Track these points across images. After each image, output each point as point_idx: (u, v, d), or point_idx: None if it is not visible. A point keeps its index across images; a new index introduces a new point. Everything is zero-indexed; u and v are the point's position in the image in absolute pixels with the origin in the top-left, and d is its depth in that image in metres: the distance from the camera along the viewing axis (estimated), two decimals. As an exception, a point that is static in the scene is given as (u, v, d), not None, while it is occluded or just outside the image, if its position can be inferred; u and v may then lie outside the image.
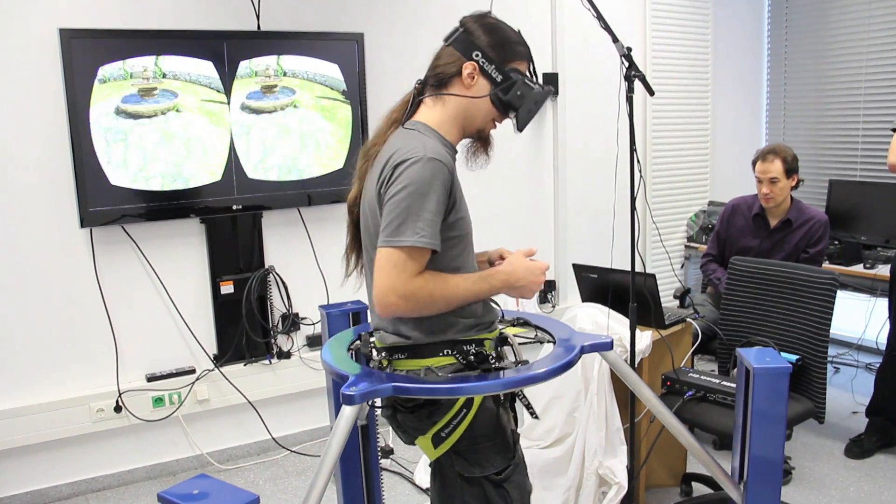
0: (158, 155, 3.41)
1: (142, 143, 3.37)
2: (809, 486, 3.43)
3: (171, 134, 3.43)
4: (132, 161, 3.36)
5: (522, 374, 1.73)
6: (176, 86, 3.41)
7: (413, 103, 1.90)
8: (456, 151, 1.90)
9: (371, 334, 2.00)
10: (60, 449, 3.51)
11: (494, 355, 1.87)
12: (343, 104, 3.82)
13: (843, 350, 4.98)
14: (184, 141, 3.46)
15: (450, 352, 1.81)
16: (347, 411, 1.60)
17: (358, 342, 2.03)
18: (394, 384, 1.63)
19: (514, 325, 2.07)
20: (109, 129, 3.30)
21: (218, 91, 3.51)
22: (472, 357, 1.81)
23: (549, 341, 2.01)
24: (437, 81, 1.87)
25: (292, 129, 3.71)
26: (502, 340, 1.94)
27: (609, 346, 1.90)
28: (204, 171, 3.52)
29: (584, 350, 1.86)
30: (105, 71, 3.26)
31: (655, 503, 3.29)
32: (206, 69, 3.46)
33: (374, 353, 1.91)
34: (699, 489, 3.40)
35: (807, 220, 3.81)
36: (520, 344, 1.96)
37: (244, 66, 3.55)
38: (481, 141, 1.95)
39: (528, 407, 1.99)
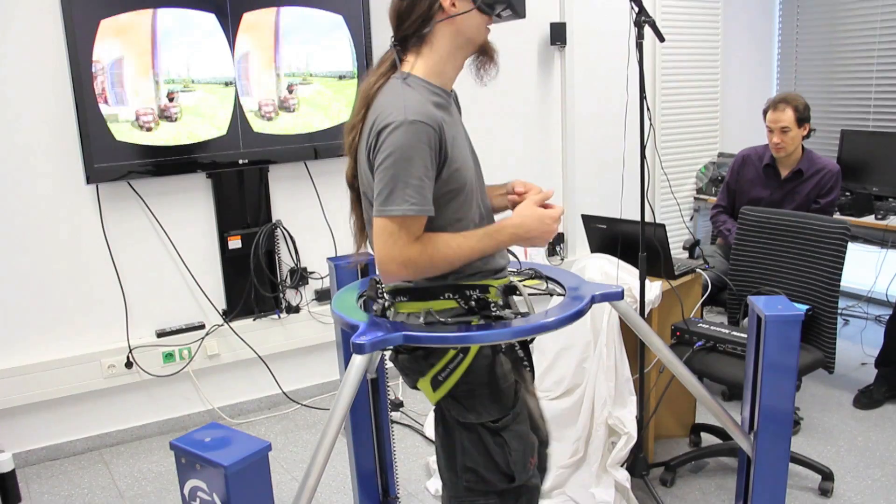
0: (163, 109, 3.38)
1: (146, 98, 3.34)
2: (818, 437, 3.44)
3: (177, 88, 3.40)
4: (137, 116, 3.33)
5: (532, 322, 1.72)
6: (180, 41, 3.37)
7: (397, 63, 1.84)
8: (451, 95, 1.86)
9: (379, 281, 2.00)
10: (74, 405, 3.54)
11: (500, 303, 1.84)
12: (349, 55, 3.77)
13: (853, 302, 4.97)
14: (187, 95, 3.42)
15: (451, 295, 1.79)
16: (358, 360, 1.59)
17: (370, 291, 2.03)
18: (404, 333, 1.62)
19: (524, 277, 2.04)
20: (113, 84, 3.27)
21: (221, 44, 3.46)
22: (473, 302, 1.79)
23: (559, 294, 1.99)
24: (416, 28, 1.80)
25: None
26: (511, 289, 1.90)
27: (620, 295, 1.89)
28: (209, 126, 3.49)
29: (594, 300, 1.85)
30: (106, 25, 3.22)
31: (665, 454, 3.30)
32: (208, 22, 3.42)
33: (381, 296, 1.91)
34: (708, 440, 3.42)
35: (818, 171, 3.77)
36: (530, 295, 1.93)
37: (248, 17, 3.50)
38: (484, 54, 1.89)
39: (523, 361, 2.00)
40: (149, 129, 3.36)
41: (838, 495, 3.01)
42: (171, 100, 3.39)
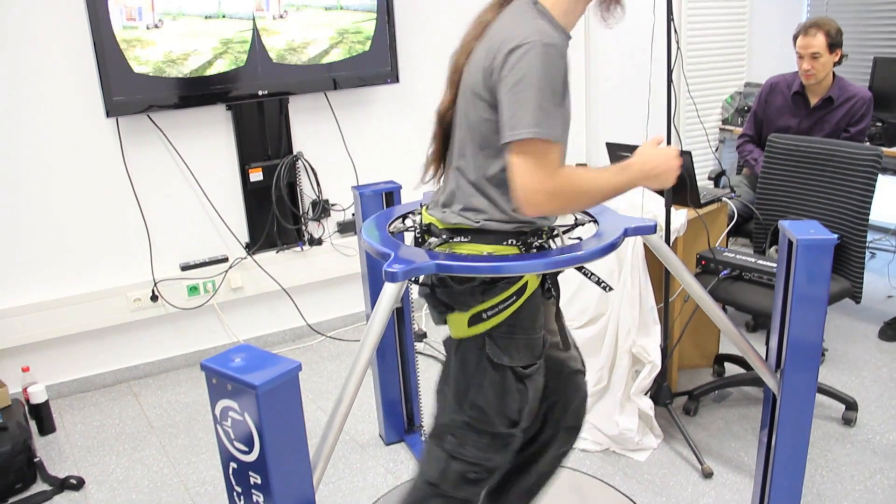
0: (181, 41, 3.33)
1: (163, 29, 3.29)
2: (842, 368, 3.44)
3: (193, 19, 3.34)
4: (155, 47, 3.29)
5: (565, 254, 1.69)
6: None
7: None
8: (570, 38, 1.74)
9: (413, 213, 1.98)
10: (102, 338, 3.59)
11: (554, 246, 1.82)
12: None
13: (879, 235, 4.91)
14: (206, 26, 3.37)
15: (514, 241, 1.74)
16: (390, 288, 1.59)
17: (398, 223, 2.01)
18: (436, 262, 1.61)
19: None
20: (129, 14, 3.22)
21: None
22: (534, 250, 1.76)
23: (590, 221, 1.98)
24: None
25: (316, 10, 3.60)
26: (550, 231, 1.88)
27: (652, 229, 1.87)
28: (228, 57, 3.45)
29: (627, 233, 1.83)
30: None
31: (688, 384, 3.31)
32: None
33: (427, 234, 1.84)
34: (732, 369, 3.43)
35: (849, 98, 3.68)
36: (564, 232, 1.92)
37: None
38: None
39: (600, 282, 1.96)
40: (168, 61, 3.32)
41: (861, 424, 3.01)
42: (188, 31, 3.34)
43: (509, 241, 1.74)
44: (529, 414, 1.88)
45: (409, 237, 1.93)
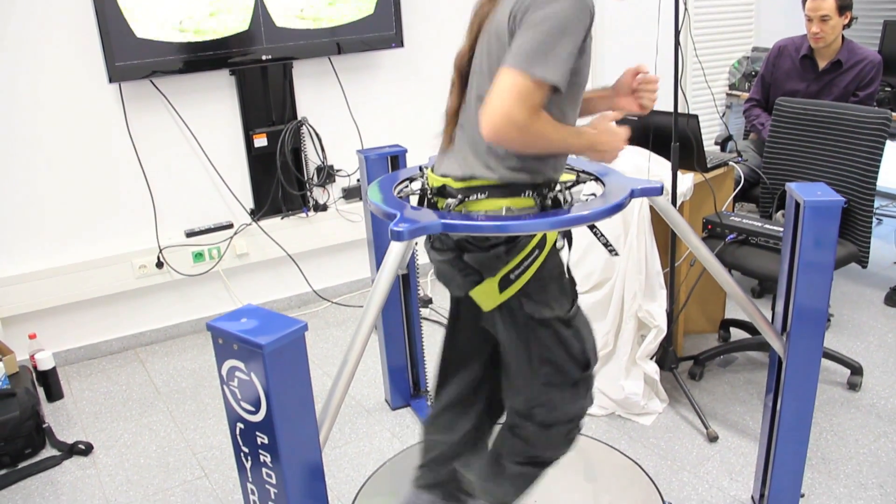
0: (184, 5, 3.30)
1: None
2: (848, 333, 3.44)
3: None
4: (157, 12, 3.26)
5: (571, 214, 1.69)
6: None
7: None
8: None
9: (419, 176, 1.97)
10: (109, 305, 3.60)
11: (570, 201, 1.83)
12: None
13: (886, 202, 4.88)
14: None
15: (531, 193, 1.74)
16: (396, 248, 1.58)
17: (404, 185, 2.00)
18: (442, 221, 1.60)
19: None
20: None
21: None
22: (549, 202, 1.76)
23: (593, 178, 1.96)
24: None
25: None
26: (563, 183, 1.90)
27: (659, 191, 1.85)
28: (232, 21, 3.41)
29: (634, 194, 1.82)
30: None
31: (693, 349, 3.32)
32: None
33: (440, 195, 1.81)
34: (737, 335, 3.43)
35: (858, 61, 3.64)
36: (567, 188, 1.91)
37: None
38: None
39: (607, 244, 1.97)
40: (171, 25, 3.29)
41: (866, 389, 3.02)
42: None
43: (526, 194, 1.74)
44: (594, 349, 1.93)
45: (415, 200, 1.92)
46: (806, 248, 1.95)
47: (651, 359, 2.92)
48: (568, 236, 1.92)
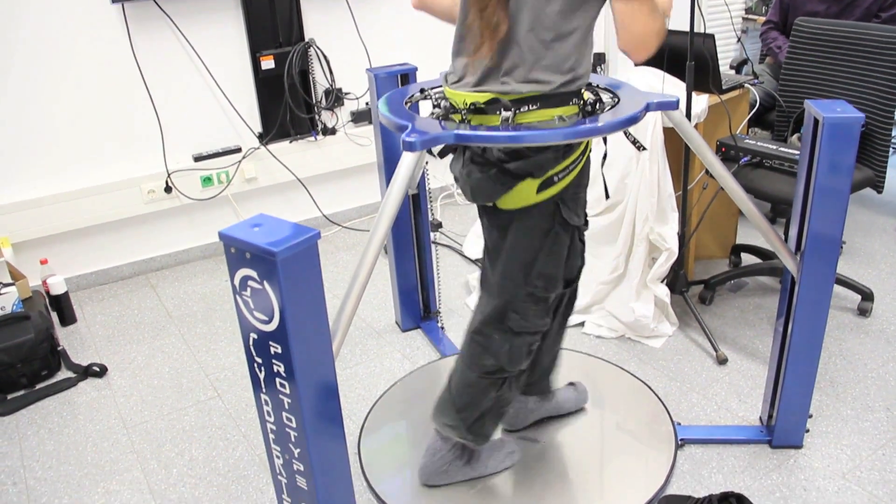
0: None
1: None
2: (860, 260, 3.42)
3: None
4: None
5: (585, 126, 1.66)
6: None
7: None
8: None
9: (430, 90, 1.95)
10: (118, 230, 3.60)
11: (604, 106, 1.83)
12: None
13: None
14: None
15: (576, 101, 1.75)
16: (408, 159, 1.56)
17: (417, 96, 1.97)
18: (455, 132, 1.58)
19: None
20: None
21: None
22: (588, 108, 1.76)
23: (609, 92, 1.93)
24: None
25: None
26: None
27: (675, 105, 1.82)
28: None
29: (649, 108, 1.78)
30: None
31: (704, 274, 3.31)
32: None
33: (474, 113, 1.76)
34: (748, 260, 3.41)
35: (881, -20, 3.54)
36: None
37: None
38: None
39: (635, 142, 1.99)
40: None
41: (877, 315, 3.01)
42: None
43: (573, 102, 1.74)
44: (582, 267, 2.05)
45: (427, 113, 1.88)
46: (823, 166, 1.91)
47: (662, 282, 2.91)
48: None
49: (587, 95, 1.89)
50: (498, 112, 1.69)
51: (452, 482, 2.20)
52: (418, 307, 3.06)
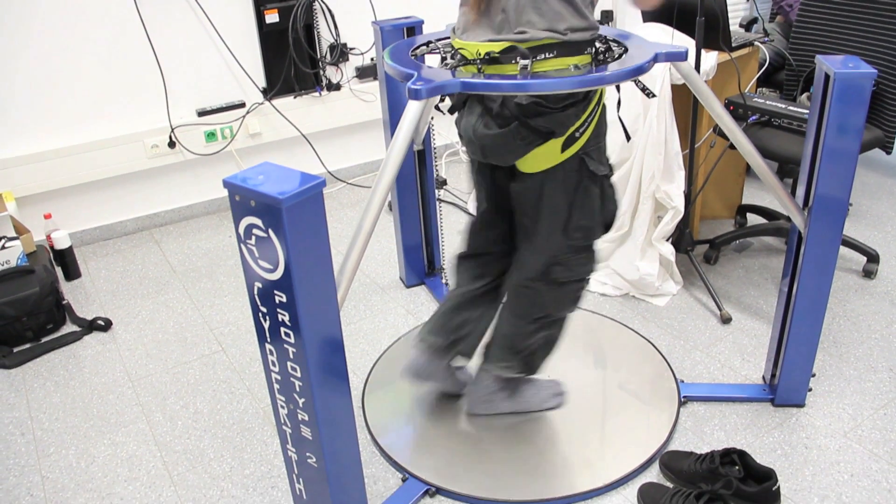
0: None
1: None
2: (866, 223, 3.40)
3: None
4: None
5: (593, 74, 1.64)
6: None
7: None
8: None
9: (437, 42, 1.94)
10: (122, 185, 3.59)
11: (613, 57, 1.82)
12: None
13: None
14: None
15: (590, 49, 1.74)
16: (413, 107, 1.54)
17: (422, 49, 1.94)
18: (462, 80, 1.55)
19: None
20: None
21: None
22: (600, 56, 1.75)
23: (617, 43, 1.91)
24: None
25: None
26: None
27: (683, 56, 1.78)
28: None
29: (658, 58, 1.75)
30: None
31: (710, 233, 3.30)
32: None
33: (489, 63, 1.73)
34: (754, 220, 3.40)
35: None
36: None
37: None
38: None
39: (645, 89, 1.95)
40: None
41: (882, 277, 3.00)
42: None
43: (587, 51, 1.73)
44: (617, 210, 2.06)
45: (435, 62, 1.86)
46: (833, 123, 1.89)
47: (667, 240, 2.90)
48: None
49: (597, 45, 1.87)
50: (514, 61, 1.67)
51: (496, 413, 2.28)
52: (422, 263, 3.06)
